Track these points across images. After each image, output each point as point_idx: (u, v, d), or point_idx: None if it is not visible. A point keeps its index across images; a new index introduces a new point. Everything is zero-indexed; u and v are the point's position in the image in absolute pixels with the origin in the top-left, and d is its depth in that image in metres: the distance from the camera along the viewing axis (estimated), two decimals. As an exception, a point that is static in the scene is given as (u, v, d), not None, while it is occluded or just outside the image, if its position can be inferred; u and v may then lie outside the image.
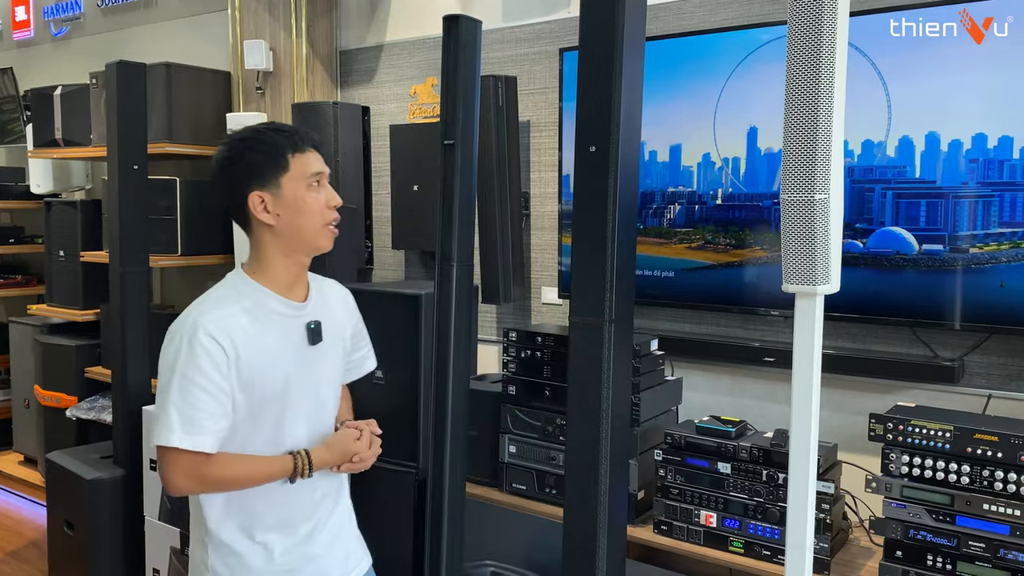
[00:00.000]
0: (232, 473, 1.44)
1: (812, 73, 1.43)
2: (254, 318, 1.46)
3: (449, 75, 2.05)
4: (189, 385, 1.38)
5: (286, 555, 1.52)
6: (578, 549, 1.78)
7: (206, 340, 1.39)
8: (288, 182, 1.45)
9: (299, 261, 1.53)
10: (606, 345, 1.72)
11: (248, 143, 1.46)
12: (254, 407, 1.45)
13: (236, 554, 1.49)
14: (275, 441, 1.50)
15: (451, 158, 2.06)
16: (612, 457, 1.75)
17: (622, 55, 1.67)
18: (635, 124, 1.74)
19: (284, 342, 1.49)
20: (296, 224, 1.47)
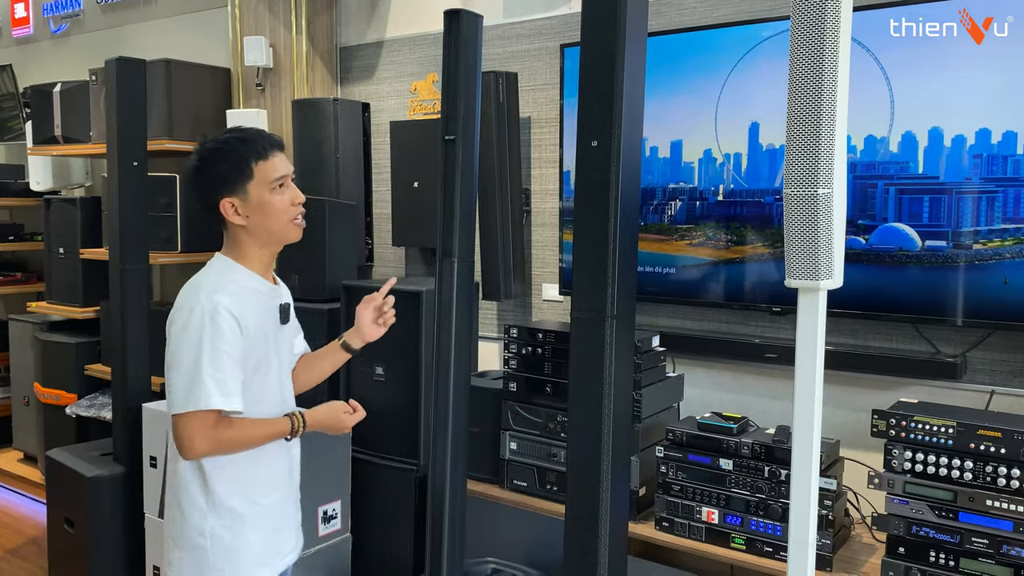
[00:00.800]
0: (245, 434, 1.61)
1: (815, 68, 1.43)
2: (247, 296, 1.63)
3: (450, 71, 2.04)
4: (218, 355, 1.54)
5: (275, 511, 1.71)
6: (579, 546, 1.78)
7: (225, 314, 1.56)
8: (254, 188, 1.61)
9: (271, 251, 1.71)
10: (607, 342, 1.71)
11: (215, 154, 1.62)
12: (248, 375, 1.62)
13: (239, 515, 1.64)
14: (257, 409, 1.65)
15: (452, 154, 2.05)
16: (613, 454, 1.74)
17: (624, 50, 1.66)
18: (637, 119, 1.73)
19: (266, 319, 1.68)
20: (265, 224, 1.64)
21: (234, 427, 1.59)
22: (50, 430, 3.97)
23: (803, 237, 1.45)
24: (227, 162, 1.60)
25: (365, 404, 2.79)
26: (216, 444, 1.58)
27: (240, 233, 1.66)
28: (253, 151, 1.61)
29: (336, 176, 3.25)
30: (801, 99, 1.44)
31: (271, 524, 1.70)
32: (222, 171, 1.60)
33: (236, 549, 1.64)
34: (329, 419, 1.71)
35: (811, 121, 1.44)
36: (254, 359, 1.63)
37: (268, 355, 1.67)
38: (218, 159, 1.61)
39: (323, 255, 3.01)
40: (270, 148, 1.63)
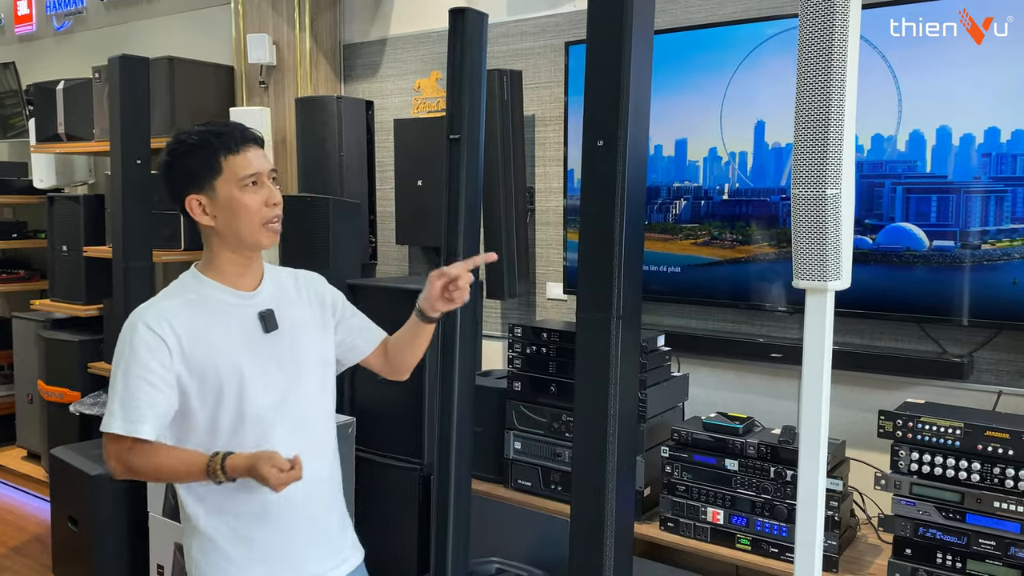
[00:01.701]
0: (151, 463, 1.45)
1: (824, 68, 1.41)
2: (198, 309, 1.49)
3: (455, 70, 2.04)
4: (130, 376, 1.43)
5: (263, 547, 1.53)
6: (585, 546, 1.77)
7: (144, 332, 1.44)
8: (222, 185, 1.48)
9: (244, 255, 1.54)
10: (613, 342, 1.70)
11: (184, 147, 1.49)
12: (210, 392, 1.47)
13: (211, 540, 1.52)
14: (237, 427, 1.50)
15: (456, 153, 2.05)
16: (619, 454, 1.73)
17: (630, 49, 1.65)
18: (643, 118, 1.72)
19: (233, 330, 1.51)
20: (233, 225, 1.49)
21: (144, 455, 1.44)
22: (54, 428, 3.97)
23: (811, 237, 1.44)
24: (195, 156, 1.47)
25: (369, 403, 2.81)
26: (128, 469, 1.45)
27: (210, 236, 1.52)
28: (223, 145, 1.47)
29: (340, 174, 3.24)
30: (809, 99, 1.43)
31: (251, 556, 1.52)
32: (190, 166, 1.47)
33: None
34: (253, 470, 1.39)
35: (819, 121, 1.43)
36: (214, 376, 1.47)
37: (242, 370, 1.49)
38: (186, 153, 1.48)
39: (326, 253, 3.00)
40: (243, 143, 1.49)
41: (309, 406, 1.58)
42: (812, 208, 1.44)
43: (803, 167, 1.44)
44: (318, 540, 1.59)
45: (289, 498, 1.49)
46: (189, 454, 1.47)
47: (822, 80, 1.42)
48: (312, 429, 1.58)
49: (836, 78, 1.41)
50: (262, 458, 1.39)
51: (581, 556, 1.78)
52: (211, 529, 1.52)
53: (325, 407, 1.64)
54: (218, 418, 1.48)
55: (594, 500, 1.75)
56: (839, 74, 1.41)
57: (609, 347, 1.72)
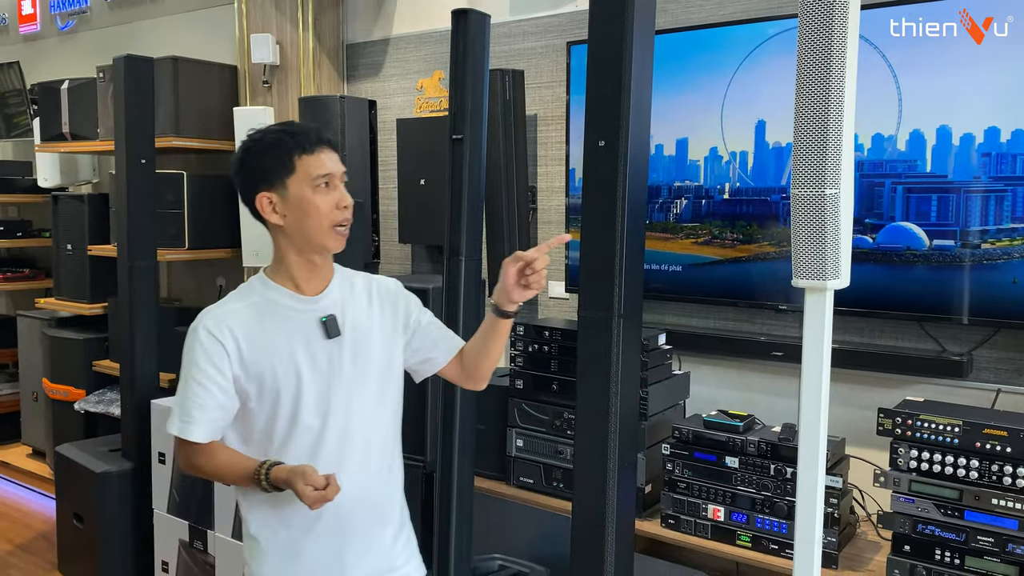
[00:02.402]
0: (208, 464, 1.49)
1: (823, 67, 1.43)
2: (261, 313, 1.49)
3: (457, 70, 2.05)
4: (188, 379, 1.47)
5: (311, 558, 1.51)
6: (586, 542, 1.79)
7: (204, 335, 1.46)
8: (294, 184, 1.47)
9: (310, 258, 1.52)
10: (615, 340, 1.72)
11: (258, 145, 1.49)
12: (267, 397, 1.47)
13: (264, 550, 1.52)
14: (291, 433, 1.49)
15: (459, 153, 2.06)
16: (620, 451, 1.75)
17: (631, 49, 1.66)
18: (644, 119, 1.73)
19: (294, 336, 1.49)
20: (302, 225, 1.48)
21: (206, 456, 1.48)
22: (59, 426, 3.99)
23: (810, 237, 1.46)
24: (269, 154, 1.47)
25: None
26: (192, 467, 1.50)
27: (278, 236, 1.51)
28: (298, 144, 1.47)
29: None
30: (808, 100, 1.44)
31: (299, 567, 1.51)
32: (263, 163, 1.47)
33: None
34: (289, 483, 1.38)
35: (818, 121, 1.44)
36: (272, 381, 1.47)
37: (300, 376, 1.48)
38: (260, 151, 1.48)
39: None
40: (317, 143, 1.48)
41: (366, 417, 1.54)
42: (811, 208, 1.45)
43: (802, 167, 1.45)
44: (369, 555, 1.55)
45: (339, 511, 1.47)
46: (243, 460, 1.47)
47: (821, 80, 1.43)
48: (368, 440, 1.54)
49: (835, 78, 1.43)
50: (298, 473, 1.38)
51: (582, 553, 1.80)
52: (262, 537, 1.51)
53: (385, 418, 1.58)
54: (274, 423, 1.48)
55: (595, 497, 1.76)
56: (838, 74, 1.43)
57: (610, 345, 1.74)
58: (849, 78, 1.44)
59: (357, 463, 1.49)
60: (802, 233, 1.46)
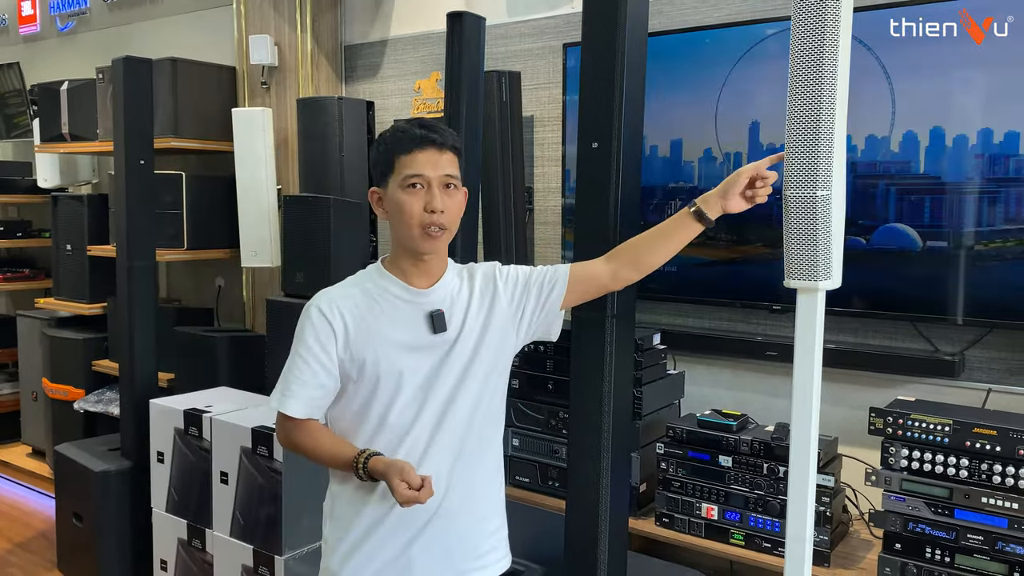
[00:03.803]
0: (305, 442, 1.52)
1: (815, 69, 1.44)
2: (372, 300, 1.52)
3: (453, 72, 2.07)
4: (294, 355, 1.51)
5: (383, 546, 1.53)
6: (579, 541, 1.81)
7: (315, 314, 1.50)
8: (391, 183, 1.51)
9: (412, 255, 1.53)
10: (608, 340, 1.74)
11: (377, 142, 1.56)
12: (366, 382, 1.50)
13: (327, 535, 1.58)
14: (385, 423, 1.50)
15: (455, 154, 2.08)
16: (613, 450, 1.77)
17: (624, 52, 1.68)
18: (637, 120, 1.75)
19: (402, 327, 1.51)
20: (396, 224, 1.52)
21: (306, 434, 1.51)
22: (58, 425, 4.01)
23: (802, 238, 1.47)
24: (378, 151, 1.54)
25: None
26: (290, 443, 1.54)
27: (390, 229, 1.56)
28: (398, 143, 1.50)
29: (340, 174, 3.27)
30: (801, 102, 1.46)
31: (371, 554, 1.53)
32: (375, 160, 1.54)
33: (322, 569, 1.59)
34: (386, 476, 1.41)
35: (810, 123, 1.46)
36: (373, 366, 1.48)
37: (401, 366, 1.49)
38: (375, 148, 1.55)
39: (327, 253, 3.03)
40: (418, 144, 1.49)
41: (462, 415, 1.53)
42: (803, 209, 1.47)
43: (794, 169, 1.47)
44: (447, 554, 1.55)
45: (423, 509, 1.47)
46: (343, 444, 1.51)
47: (813, 82, 1.45)
48: (463, 438, 1.54)
49: (827, 80, 1.44)
50: (396, 468, 1.40)
51: (576, 551, 1.82)
52: (347, 517, 1.54)
53: (483, 416, 1.56)
54: (369, 409, 1.51)
55: (588, 496, 1.78)
56: (830, 76, 1.44)
57: (604, 345, 1.75)
58: (841, 80, 1.45)
59: (449, 460, 1.51)
60: (794, 234, 1.48)
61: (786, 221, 1.49)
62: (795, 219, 1.47)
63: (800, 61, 1.45)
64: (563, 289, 1.61)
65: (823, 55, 1.44)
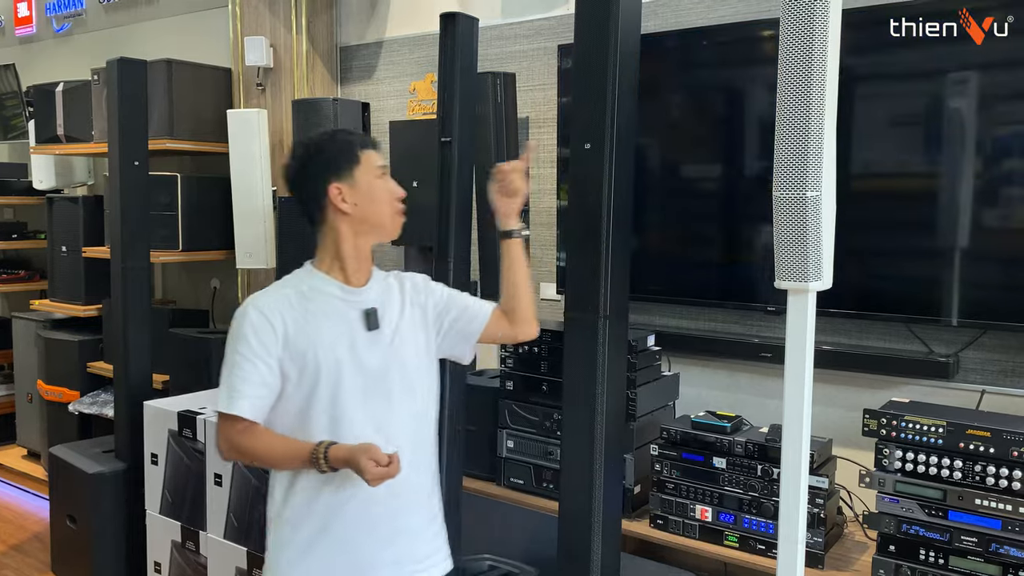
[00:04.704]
0: (257, 445, 1.53)
1: (804, 71, 1.44)
2: (307, 300, 1.57)
3: (446, 73, 2.07)
4: (235, 356, 1.53)
5: (341, 544, 1.56)
6: (573, 543, 1.80)
7: (254, 315, 1.54)
8: (361, 174, 1.59)
9: (364, 249, 1.62)
10: (600, 341, 1.73)
11: (323, 143, 1.61)
12: (306, 381, 1.54)
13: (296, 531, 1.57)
14: (332, 419, 1.55)
15: (448, 155, 2.08)
16: (606, 451, 1.76)
17: (616, 52, 1.68)
18: (630, 121, 1.75)
19: (339, 325, 1.57)
20: (370, 211, 1.60)
21: (253, 437, 1.52)
22: (53, 427, 4.00)
23: (792, 239, 1.47)
24: (336, 148, 1.59)
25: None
26: (234, 450, 1.53)
27: (339, 226, 1.58)
28: (359, 140, 1.62)
29: (336, 175, 3.27)
30: (790, 103, 1.46)
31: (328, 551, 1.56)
32: (332, 156, 1.58)
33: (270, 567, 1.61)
34: (352, 460, 1.45)
35: (799, 124, 1.45)
36: (313, 365, 1.53)
37: (340, 364, 1.54)
38: (327, 146, 1.60)
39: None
40: (372, 144, 1.64)
41: (400, 408, 1.60)
42: (793, 210, 1.47)
43: (784, 170, 1.46)
44: (396, 543, 1.60)
45: (374, 500, 1.54)
46: (295, 442, 1.52)
47: (802, 83, 1.44)
48: (401, 431, 1.59)
49: (816, 82, 1.44)
50: (361, 449, 1.45)
51: (570, 553, 1.81)
52: (296, 519, 1.56)
53: (418, 411, 1.64)
54: (310, 406, 1.54)
55: (581, 497, 1.77)
56: (819, 77, 1.44)
57: (596, 346, 1.75)
58: (830, 81, 1.45)
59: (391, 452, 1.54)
60: (784, 235, 1.48)
61: (776, 222, 1.48)
62: (785, 220, 1.47)
63: (789, 61, 1.45)
64: (483, 323, 1.72)
65: (812, 56, 1.43)
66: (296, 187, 1.62)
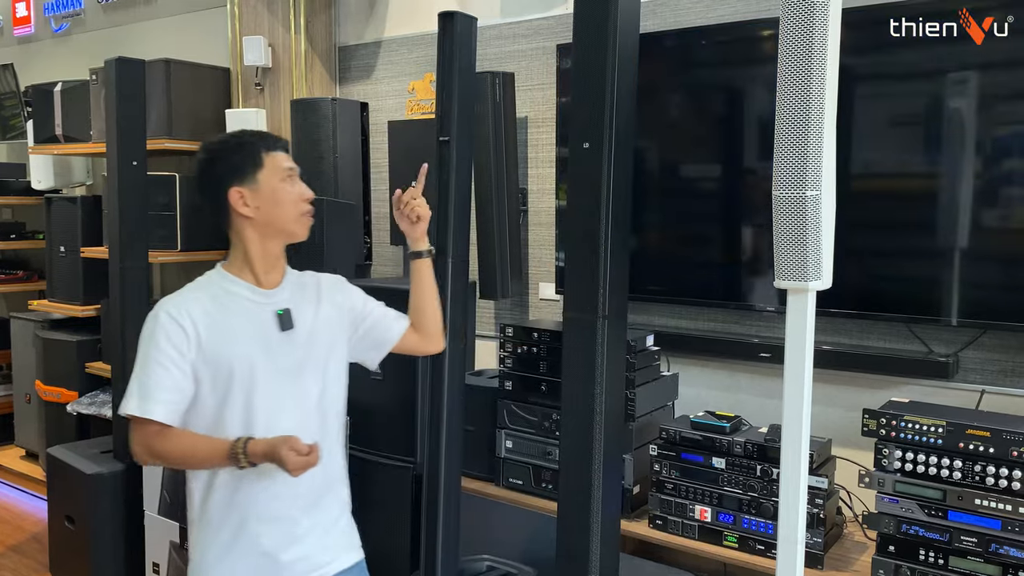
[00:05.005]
0: (174, 447, 1.52)
1: (804, 70, 1.44)
2: (219, 303, 1.58)
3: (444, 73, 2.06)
4: (147, 360, 1.52)
5: (260, 538, 1.59)
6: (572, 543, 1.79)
7: (166, 319, 1.53)
8: (264, 177, 1.59)
9: (274, 251, 1.64)
10: (599, 341, 1.73)
11: (226, 145, 1.61)
12: (220, 383, 1.55)
13: (216, 531, 1.59)
14: (246, 420, 1.56)
15: (446, 155, 2.07)
16: (605, 452, 1.75)
17: (615, 51, 1.67)
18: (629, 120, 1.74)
19: (251, 326, 1.59)
20: (273, 214, 1.59)
21: (168, 440, 1.51)
22: (51, 427, 4.00)
23: (792, 238, 1.47)
24: (238, 152, 1.59)
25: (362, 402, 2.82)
26: (151, 453, 1.52)
27: (244, 230, 1.60)
28: (263, 142, 1.61)
29: (335, 175, 3.26)
30: (789, 101, 1.45)
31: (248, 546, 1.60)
32: (233, 160, 1.58)
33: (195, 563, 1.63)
34: (272, 453, 1.46)
35: (799, 123, 1.45)
36: (227, 367, 1.54)
37: (254, 365, 1.56)
38: (229, 150, 1.60)
39: (321, 254, 3.02)
40: (278, 145, 1.63)
41: (314, 405, 1.64)
42: (792, 209, 1.46)
43: (783, 169, 1.46)
44: (309, 537, 1.64)
45: (292, 493, 1.58)
46: (211, 440, 1.53)
47: (802, 82, 1.44)
48: (316, 428, 1.63)
49: (816, 80, 1.44)
50: (280, 440, 1.46)
51: (568, 553, 1.81)
52: (217, 518, 1.58)
53: (333, 407, 1.69)
54: (225, 408, 1.55)
55: (580, 497, 1.77)
56: (819, 75, 1.43)
57: (595, 347, 1.74)
58: (830, 80, 1.45)
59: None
60: (783, 235, 1.47)
61: (776, 222, 1.48)
62: (784, 219, 1.47)
63: (789, 60, 1.44)
64: (399, 335, 1.80)
65: (812, 54, 1.43)
66: (200, 191, 1.63)
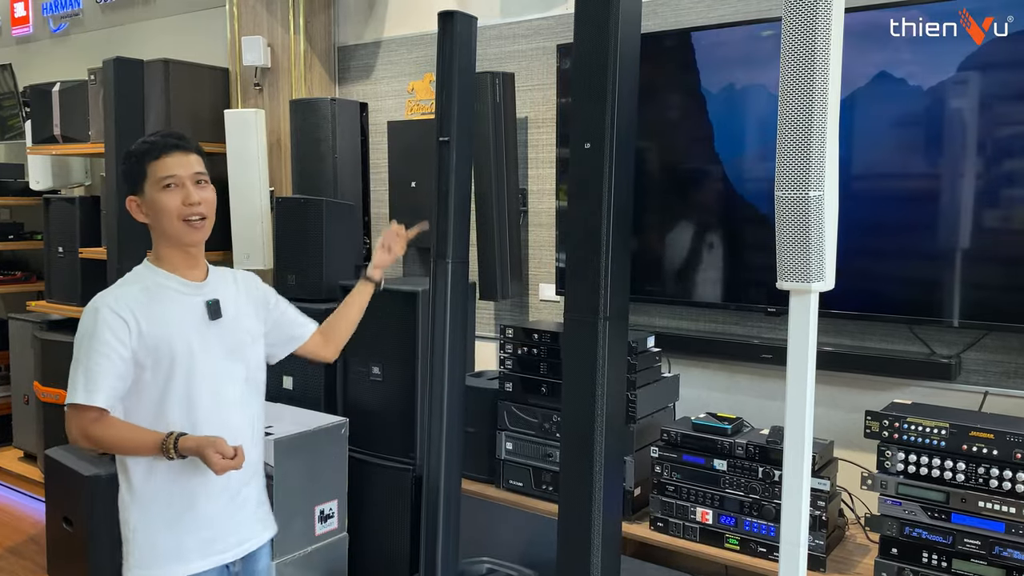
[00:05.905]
0: (109, 435, 1.61)
1: (807, 71, 1.43)
2: (152, 294, 1.67)
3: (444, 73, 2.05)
4: (90, 352, 1.60)
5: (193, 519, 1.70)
6: (572, 545, 1.78)
7: (106, 312, 1.62)
8: (148, 188, 1.68)
9: (183, 250, 1.72)
10: (600, 343, 1.72)
11: (127, 154, 1.71)
12: (162, 368, 1.65)
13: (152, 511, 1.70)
14: (187, 405, 1.67)
15: (446, 155, 2.06)
16: (606, 453, 1.74)
17: (616, 52, 1.66)
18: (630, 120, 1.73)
19: (184, 315, 1.69)
20: (159, 222, 1.69)
21: (105, 427, 1.60)
22: (50, 429, 3.97)
23: (794, 239, 1.46)
24: (127, 162, 1.70)
25: (362, 404, 2.82)
26: (87, 439, 1.61)
27: (152, 232, 1.72)
28: (148, 152, 1.68)
29: (334, 176, 3.25)
30: (792, 102, 1.44)
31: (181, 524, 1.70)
32: (127, 171, 1.70)
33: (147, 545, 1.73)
34: (199, 451, 1.57)
35: (802, 124, 1.44)
36: (168, 353, 1.64)
37: (192, 351, 1.66)
38: (126, 158, 1.71)
39: (320, 255, 3.02)
40: (164, 150, 1.68)
41: (244, 389, 1.77)
42: (795, 210, 1.45)
43: (786, 169, 1.45)
44: (236, 516, 1.76)
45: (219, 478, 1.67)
46: (145, 431, 1.63)
47: (805, 82, 1.43)
48: (244, 411, 1.76)
49: (819, 80, 1.43)
50: (208, 442, 1.57)
51: (569, 556, 1.79)
52: (152, 501, 1.69)
53: (258, 391, 1.82)
54: (167, 391, 1.65)
55: (581, 499, 1.76)
56: (822, 75, 1.43)
57: (596, 348, 1.73)
58: (833, 79, 1.44)
59: (236, 429, 1.70)
60: (786, 235, 1.46)
61: (778, 222, 1.47)
62: (787, 220, 1.46)
63: (791, 60, 1.43)
64: (307, 334, 1.96)
65: (815, 54, 1.42)
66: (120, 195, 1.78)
